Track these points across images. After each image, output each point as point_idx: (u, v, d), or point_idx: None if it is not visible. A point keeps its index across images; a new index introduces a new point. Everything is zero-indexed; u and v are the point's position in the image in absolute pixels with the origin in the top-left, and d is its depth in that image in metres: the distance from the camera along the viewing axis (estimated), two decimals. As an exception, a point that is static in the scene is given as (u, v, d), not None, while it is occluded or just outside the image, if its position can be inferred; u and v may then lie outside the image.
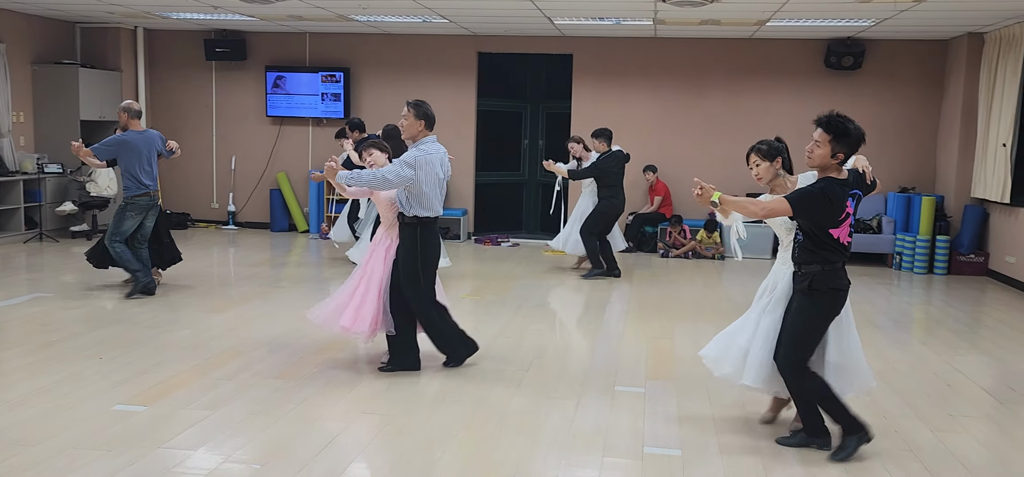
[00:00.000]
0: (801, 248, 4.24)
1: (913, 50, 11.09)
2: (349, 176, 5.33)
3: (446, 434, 4.44)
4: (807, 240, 4.20)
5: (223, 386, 5.10)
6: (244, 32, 12.40)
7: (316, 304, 5.75)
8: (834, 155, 4.11)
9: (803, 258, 4.23)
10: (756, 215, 4.31)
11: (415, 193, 5.35)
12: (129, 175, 7.52)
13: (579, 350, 6.26)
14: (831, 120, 4.11)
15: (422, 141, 5.46)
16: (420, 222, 5.40)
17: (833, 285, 4.19)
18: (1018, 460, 4.35)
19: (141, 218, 7.58)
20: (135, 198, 7.51)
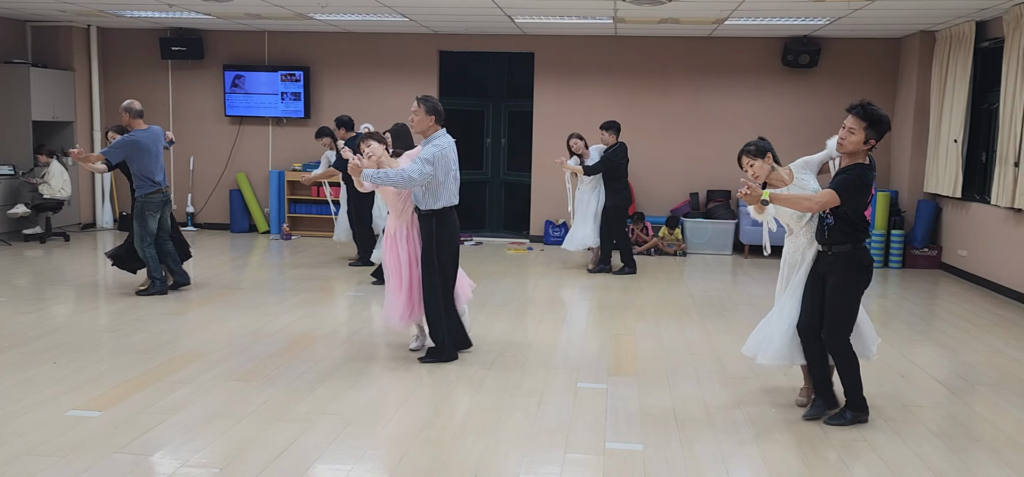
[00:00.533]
0: (832, 230, 4.50)
1: (867, 48, 11.30)
2: (375, 175, 5.39)
3: (408, 434, 4.43)
4: (840, 223, 4.46)
5: (181, 389, 5.03)
6: (201, 30, 12.23)
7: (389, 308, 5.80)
8: (867, 141, 4.37)
9: (834, 239, 4.50)
10: (810, 209, 4.49)
11: (432, 187, 5.50)
12: (141, 175, 7.59)
13: (542, 347, 6.28)
14: (866, 108, 4.32)
15: (434, 135, 5.62)
16: (436, 214, 5.57)
17: (865, 263, 4.55)
18: (970, 448, 4.46)
19: (160, 215, 7.70)
20: (150, 196, 7.61)
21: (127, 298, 7.62)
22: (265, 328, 6.62)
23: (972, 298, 8.62)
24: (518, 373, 5.58)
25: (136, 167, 7.59)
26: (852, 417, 4.70)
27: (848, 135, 4.39)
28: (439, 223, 5.59)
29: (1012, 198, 8.41)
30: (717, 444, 4.39)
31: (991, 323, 7.45)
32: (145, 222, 7.62)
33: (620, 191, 9.44)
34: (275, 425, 4.49)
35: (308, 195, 12.31)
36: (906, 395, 5.33)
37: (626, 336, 6.67)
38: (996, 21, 9.07)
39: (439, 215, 5.59)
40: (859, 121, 4.35)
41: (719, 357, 6.11)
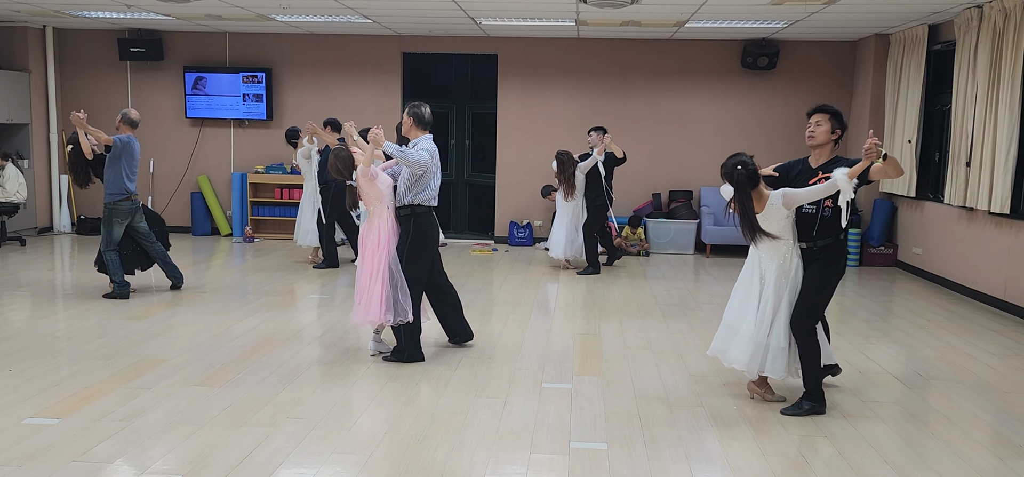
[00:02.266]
0: (827, 223, 4.79)
1: (824, 51, 11.51)
2: (398, 150, 5.68)
3: (373, 437, 4.42)
4: (835, 216, 4.74)
5: (142, 395, 4.97)
6: (161, 31, 12.06)
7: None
8: (833, 130, 4.87)
9: (823, 233, 4.82)
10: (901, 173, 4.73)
11: (422, 182, 5.73)
12: (117, 179, 7.62)
13: (507, 348, 6.30)
14: (826, 105, 4.93)
15: (420, 139, 5.85)
16: (416, 211, 5.75)
17: (844, 252, 4.98)
18: (925, 442, 4.58)
19: (128, 221, 7.75)
20: (119, 203, 7.65)
21: (85, 303, 7.50)
22: (228, 332, 6.56)
23: (927, 295, 8.82)
24: (483, 374, 5.60)
25: (117, 169, 7.61)
26: (809, 408, 4.87)
27: (817, 127, 4.86)
28: (418, 222, 5.76)
29: (964, 197, 8.63)
30: (680, 442, 4.45)
31: (945, 319, 7.63)
32: (111, 227, 7.65)
33: (600, 192, 9.64)
34: (238, 430, 4.46)
35: (271, 197, 12.21)
36: (864, 390, 5.44)
37: (590, 336, 6.73)
38: (947, 25, 9.30)
39: (419, 214, 5.76)
40: (823, 114, 4.87)
41: (682, 355, 6.19)
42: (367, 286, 5.69)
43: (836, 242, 4.84)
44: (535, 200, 12.11)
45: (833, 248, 4.83)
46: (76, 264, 9.88)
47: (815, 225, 4.82)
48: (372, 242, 5.73)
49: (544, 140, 11.95)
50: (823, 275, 4.83)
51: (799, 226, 4.86)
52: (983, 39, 8.25)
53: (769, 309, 4.88)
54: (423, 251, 5.81)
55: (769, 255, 4.90)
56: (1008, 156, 7.82)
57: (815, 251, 4.84)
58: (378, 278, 5.66)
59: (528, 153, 11.94)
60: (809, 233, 4.84)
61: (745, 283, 5.04)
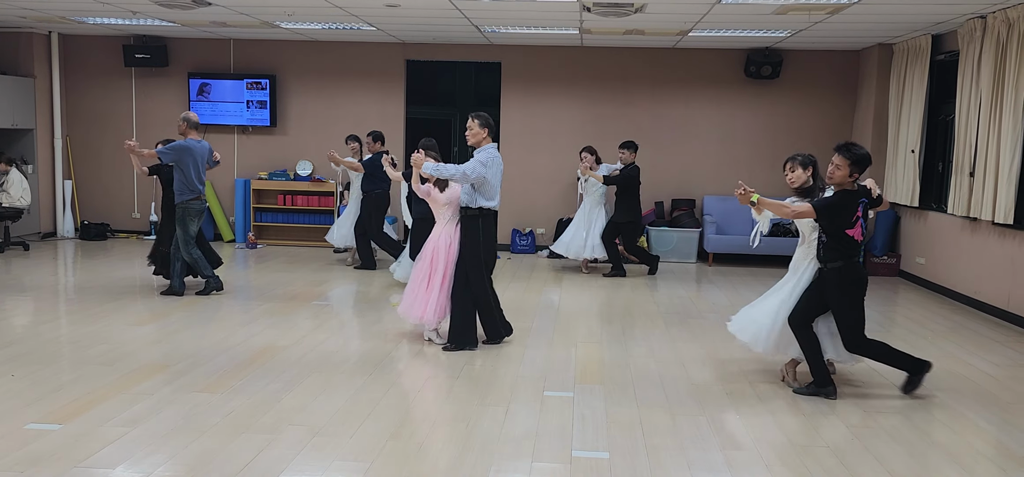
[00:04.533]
0: (825, 248, 5.25)
1: (828, 60, 11.52)
2: (435, 167, 6.13)
3: (375, 444, 4.42)
4: (831, 240, 5.20)
5: (144, 401, 4.97)
6: (165, 38, 12.10)
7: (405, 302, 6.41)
8: (850, 174, 5.17)
9: (828, 257, 5.24)
10: (786, 215, 5.30)
11: (484, 188, 6.22)
12: (184, 180, 7.95)
13: (509, 356, 6.30)
14: (850, 148, 5.19)
15: (486, 146, 6.30)
16: (483, 214, 6.28)
17: (857, 277, 5.26)
18: (926, 451, 4.57)
19: (201, 219, 8.17)
20: (189, 202, 7.99)
21: (88, 308, 7.51)
22: (230, 338, 6.56)
23: (929, 305, 8.80)
24: (485, 381, 5.60)
25: (182, 173, 7.93)
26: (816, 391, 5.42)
27: (835, 170, 5.20)
28: (485, 223, 6.30)
29: (967, 207, 8.62)
30: (682, 451, 4.44)
31: (948, 329, 7.62)
32: (187, 226, 8.02)
33: (633, 208, 9.95)
34: (240, 437, 4.46)
35: (274, 204, 12.22)
36: (866, 401, 5.43)
37: (592, 344, 6.72)
38: (951, 35, 9.30)
39: (485, 215, 6.29)
40: (843, 159, 5.16)
41: (684, 364, 6.18)
42: (426, 287, 6.30)
43: (846, 265, 5.20)
44: (538, 208, 12.11)
45: (842, 272, 5.21)
46: (79, 269, 9.89)
47: (821, 247, 5.31)
48: (437, 247, 6.35)
49: (547, 148, 11.96)
50: (840, 301, 5.26)
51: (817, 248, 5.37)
52: (987, 49, 8.25)
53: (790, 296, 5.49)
54: (489, 249, 6.38)
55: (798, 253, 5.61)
56: (1012, 166, 7.81)
57: (826, 272, 5.29)
58: (437, 283, 6.28)
59: (531, 161, 11.95)
60: (819, 253, 5.35)
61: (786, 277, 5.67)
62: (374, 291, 8.82)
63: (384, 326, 7.19)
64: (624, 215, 9.96)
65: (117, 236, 12.55)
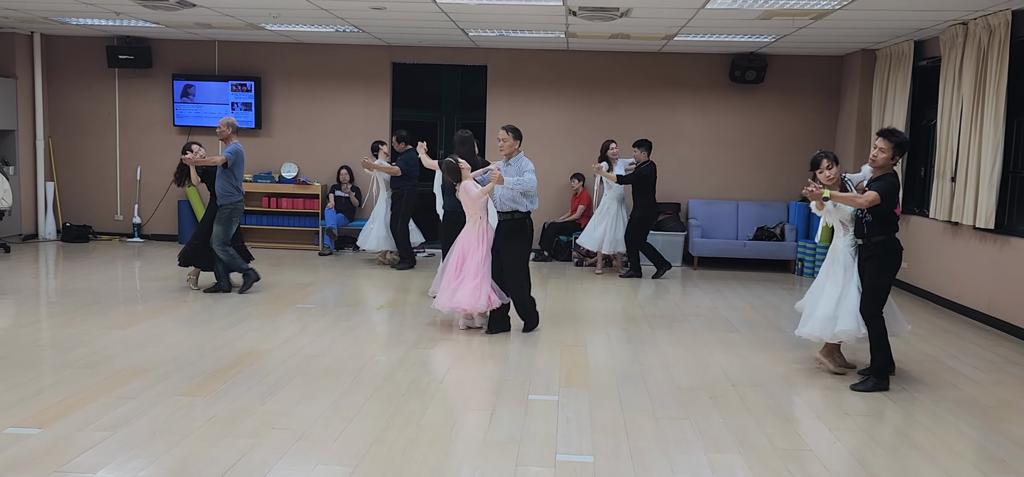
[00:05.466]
0: (870, 226, 5.74)
1: (811, 65, 11.59)
2: (516, 180, 6.82)
3: (358, 449, 4.40)
4: (877, 219, 5.69)
5: (125, 405, 4.93)
6: (149, 39, 12.03)
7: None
8: (893, 157, 5.66)
9: (873, 232, 5.74)
10: (860, 205, 5.65)
11: (529, 193, 6.89)
12: (233, 183, 8.32)
13: (493, 359, 6.30)
14: (893, 133, 5.69)
15: (522, 158, 6.98)
16: (528, 217, 6.96)
17: (896, 249, 5.81)
18: (908, 454, 4.60)
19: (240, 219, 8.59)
20: (237, 204, 8.38)
21: (69, 311, 7.45)
22: (213, 341, 6.52)
23: (912, 308, 8.86)
24: (470, 385, 5.59)
25: (232, 175, 8.28)
26: (874, 383, 5.75)
27: (879, 153, 5.66)
28: (529, 224, 7.01)
29: (949, 212, 8.70)
30: (666, 455, 4.45)
31: (929, 333, 7.68)
32: (231, 226, 8.36)
33: (647, 205, 10.20)
34: (222, 441, 4.43)
35: (259, 206, 12.16)
36: (848, 404, 5.47)
37: (577, 348, 6.73)
38: (933, 41, 9.38)
39: (529, 219, 7.00)
40: (887, 142, 5.64)
41: (669, 368, 6.20)
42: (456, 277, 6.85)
43: (887, 239, 5.75)
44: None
45: (885, 245, 5.75)
46: (61, 271, 9.81)
47: (864, 225, 5.79)
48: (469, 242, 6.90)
49: (533, 151, 11.90)
50: (881, 267, 5.75)
51: (856, 227, 5.87)
52: (968, 55, 8.33)
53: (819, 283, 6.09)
54: (528, 247, 7.08)
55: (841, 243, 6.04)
56: (993, 171, 7.89)
57: (870, 246, 5.77)
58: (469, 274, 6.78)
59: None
60: (862, 232, 5.82)
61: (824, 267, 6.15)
62: (358, 295, 8.79)
63: (369, 330, 7.17)
64: (637, 211, 10.24)
65: (99, 238, 12.46)
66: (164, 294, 8.43)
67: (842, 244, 6.03)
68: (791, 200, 11.70)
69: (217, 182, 8.33)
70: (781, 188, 11.81)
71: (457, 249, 7.03)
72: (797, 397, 5.62)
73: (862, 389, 5.72)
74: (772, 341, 7.20)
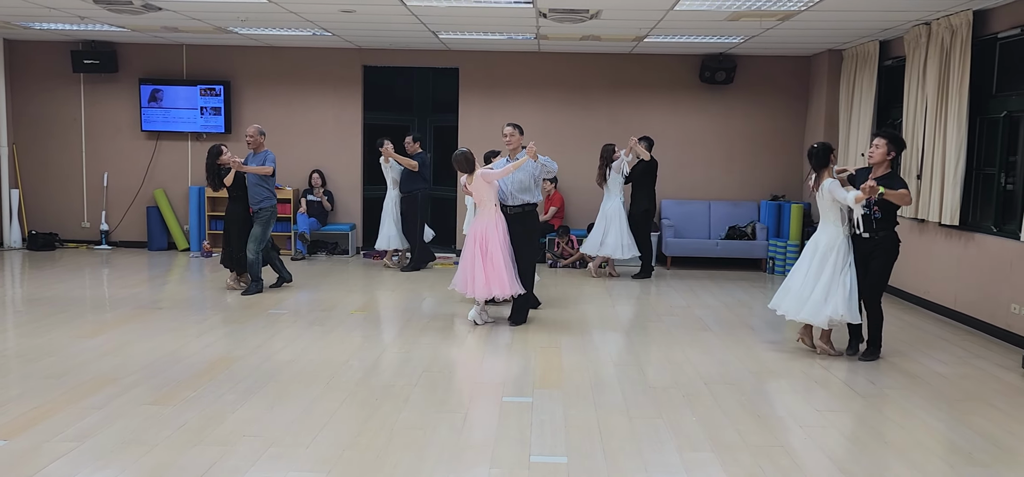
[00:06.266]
0: (880, 222, 6.25)
1: (780, 65, 11.72)
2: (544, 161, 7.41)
3: (332, 454, 4.37)
4: (885, 215, 6.24)
5: (93, 415, 4.86)
6: (115, 43, 11.87)
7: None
8: (889, 153, 6.26)
9: (882, 227, 6.28)
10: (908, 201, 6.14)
11: (538, 186, 7.48)
12: (269, 187, 8.70)
13: (468, 362, 6.29)
14: (889, 131, 6.39)
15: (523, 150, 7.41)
16: (536, 206, 7.53)
17: (899, 242, 6.40)
18: (879, 450, 4.66)
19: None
20: (273, 207, 8.77)
21: (36, 321, 7.32)
22: (183, 349, 6.45)
23: (881, 305, 8.97)
24: (443, 388, 5.58)
25: (269, 180, 8.67)
26: (875, 353, 6.55)
27: (876, 150, 6.25)
28: (535, 215, 7.54)
29: (916, 209, 8.83)
30: (640, 454, 4.47)
31: (898, 329, 7.78)
32: (268, 229, 8.72)
33: (651, 198, 10.32)
34: (193, 449, 4.38)
35: (229, 212, 12.03)
36: (819, 400, 5.52)
37: (551, 349, 6.74)
38: (898, 41, 9.52)
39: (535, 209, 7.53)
40: (884, 141, 6.25)
41: (642, 367, 6.23)
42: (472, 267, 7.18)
43: (892, 232, 6.31)
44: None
45: (891, 238, 6.33)
46: (26, 280, 9.64)
47: (873, 223, 6.27)
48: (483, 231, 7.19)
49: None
50: (885, 261, 6.35)
51: (865, 222, 6.29)
52: (932, 55, 8.47)
53: (813, 273, 6.38)
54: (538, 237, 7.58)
55: (822, 232, 6.46)
56: (957, 169, 8.02)
57: (876, 240, 6.28)
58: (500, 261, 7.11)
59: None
60: (871, 227, 6.29)
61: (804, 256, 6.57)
62: (331, 299, 8.74)
63: (341, 335, 7.13)
64: (644, 204, 10.25)
65: (66, 246, 12.27)
66: (133, 302, 8.31)
67: (828, 237, 6.40)
68: (762, 199, 11.81)
69: (254, 188, 8.63)
70: (752, 187, 11.92)
71: (475, 238, 7.26)
72: (769, 395, 5.67)
73: (870, 358, 6.52)
74: (744, 339, 7.26)
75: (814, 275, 6.41)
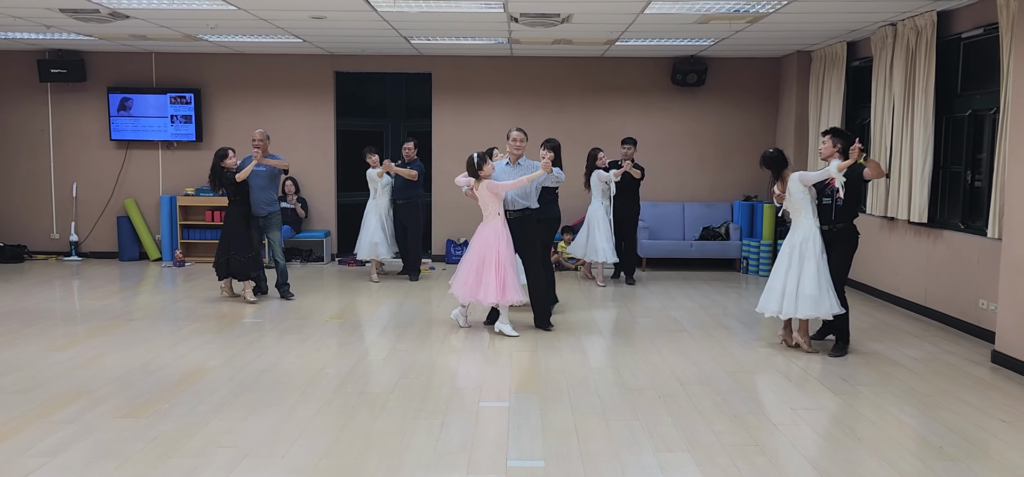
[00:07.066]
0: (840, 211, 6.45)
1: (750, 67, 11.83)
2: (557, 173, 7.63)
3: (308, 463, 4.34)
4: (847, 205, 6.42)
5: (64, 429, 4.79)
6: (83, 52, 11.72)
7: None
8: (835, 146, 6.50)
9: (839, 218, 6.47)
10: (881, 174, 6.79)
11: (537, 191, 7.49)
12: (275, 192, 8.83)
13: (445, 368, 6.28)
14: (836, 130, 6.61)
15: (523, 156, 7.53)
16: (536, 212, 7.52)
17: (857, 233, 6.58)
18: (850, 446, 4.71)
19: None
20: (278, 211, 8.93)
21: (3, 335, 7.20)
22: (156, 360, 6.37)
23: (851, 302, 9.03)
24: (420, 394, 5.56)
25: (275, 186, 8.76)
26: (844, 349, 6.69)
27: (825, 148, 6.53)
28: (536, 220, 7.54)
29: (885, 207, 8.95)
30: (617, 456, 4.49)
31: (869, 326, 7.88)
32: (280, 232, 8.92)
33: (637, 202, 10.22)
34: (166, 462, 4.33)
35: (202, 220, 11.93)
36: (792, 397, 5.58)
37: (528, 353, 6.74)
38: (865, 42, 9.65)
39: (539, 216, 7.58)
40: (832, 138, 6.52)
41: (619, 370, 6.25)
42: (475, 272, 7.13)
43: (849, 225, 6.48)
44: (472, 217, 12.08)
45: (848, 229, 6.50)
46: (-6, 294, 9.48)
47: (833, 212, 6.44)
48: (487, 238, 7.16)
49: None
50: (847, 251, 6.55)
51: (822, 213, 6.47)
52: (898, 55, 8.59)
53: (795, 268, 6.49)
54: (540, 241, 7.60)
55: (796, 229, 6.59)
56: (924, 167, 8.14)
57: (835, 232, 6.48)
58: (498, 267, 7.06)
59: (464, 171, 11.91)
60: (830, 218, 6.46)
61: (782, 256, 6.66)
62: (306, 307, 8.68)
63: (317, 342, 7.09)
64: (632, 209, 10.19)
65: (35, 258, 12.09)
66: (104, 313, 8.20)
67: (803, 232, 6.55)
68: (735, 200, 11.91)
69: (262, 191, 8.64)
70: (725, 188, 12.02)
71: (476, 247, 7.27)
72: (744, 394, 5.71)
73: (840, 354, 6.62)
74: (720, 339, 7.31)
75: (797, 270, 6.51)
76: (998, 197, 6.99)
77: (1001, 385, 5.97)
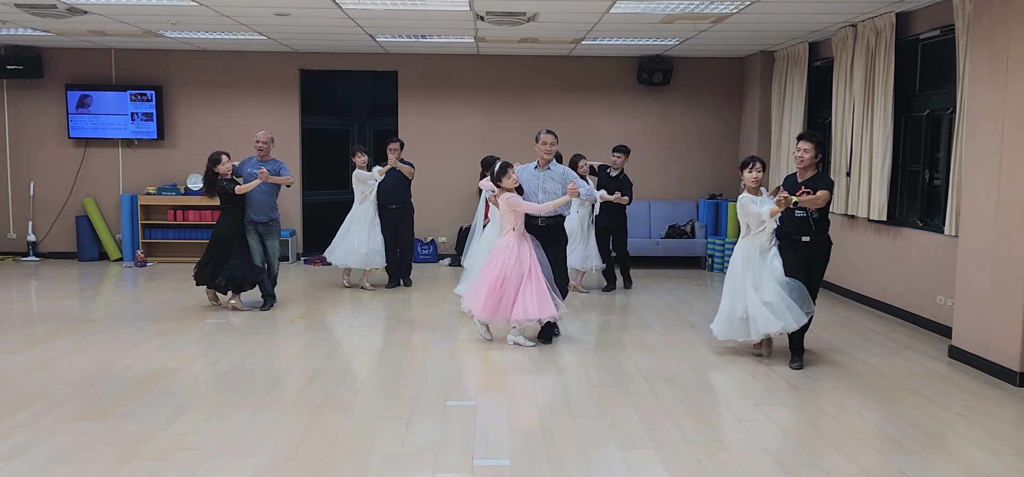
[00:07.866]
0: (817, 223, 6.16)
1: (715, 67, 11.95)
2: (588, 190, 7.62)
3: (271, 466, 4.30)
4: (821, 217, 6.16)
5: (21, 433, 4.69)
6: (39, 48, 11.48)
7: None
8: (816, 155, 6.19)
9: (820, 229, 6.18)
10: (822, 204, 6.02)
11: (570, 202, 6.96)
12: (275, 198, 8.43)
13: (410, 367, 6.25)
14: (813, 134, 6.30)
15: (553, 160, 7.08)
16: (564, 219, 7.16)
17: (831, 243, 6.31)
18: (811, 439, 4.78)
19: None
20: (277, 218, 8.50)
21: (-42, 338, 7.04)
22: (116, 362, 6.27)
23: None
24: (385, 394, 5.54)
25: (275, 191, 8.38)
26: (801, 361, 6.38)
27: (804, 154, 6.16)
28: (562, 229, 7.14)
29: (846, 205, 9.09)
30: (583, 454, 4.50)
31: (831, 322, 8.00)
32: (280, 238, 8.58)
33: (622, 211, 9.62)
34: (127, 466, 4.26)
35: (164, 220, 11.76)
36: (754, 393, 5.65)
37: (494, 353, 6.74)
38: (826, 42, 9.80)
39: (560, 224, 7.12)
40: (810, 143, 6.17)
41: (585, 368, 6.28)
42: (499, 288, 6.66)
43: (826, 237, 6.27)
44: (439, 216, 12.08)
45: (828, 241, 6.28)
46: (-52, 295, 9.25)
47: (811, 224, 6.15)
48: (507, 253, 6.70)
49: (446, 156, 11.95)
50: (823, 261, 6.32)
51: (799, 226, 6.16)
52: (858, 56, 8.73)
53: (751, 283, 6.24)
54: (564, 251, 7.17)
55: (741, 244, 6.40)
56: (883, 166, 8.29)
57: (815, 244, 6.20)
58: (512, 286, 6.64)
59: (431, 170, 11.90)
60: (808, 231, 6.16)
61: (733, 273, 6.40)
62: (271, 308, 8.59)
63: (281, 343, 7.02)
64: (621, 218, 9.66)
65: (-9, 258, 11.83)
66: (63, 315, 8.05)
67: (753, 244, 6.32)
68: (700, 198, 12.02)
69: (263, 198, 8.22)
70: (691, 187, 12.12)
71: (495, 262, 6.75)
72: (709, 391, 5.77)
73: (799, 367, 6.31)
74: (685, 337, 7.37)
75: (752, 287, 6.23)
76: (955, 195, 7.14)
77: (958, 379, 6.10)
